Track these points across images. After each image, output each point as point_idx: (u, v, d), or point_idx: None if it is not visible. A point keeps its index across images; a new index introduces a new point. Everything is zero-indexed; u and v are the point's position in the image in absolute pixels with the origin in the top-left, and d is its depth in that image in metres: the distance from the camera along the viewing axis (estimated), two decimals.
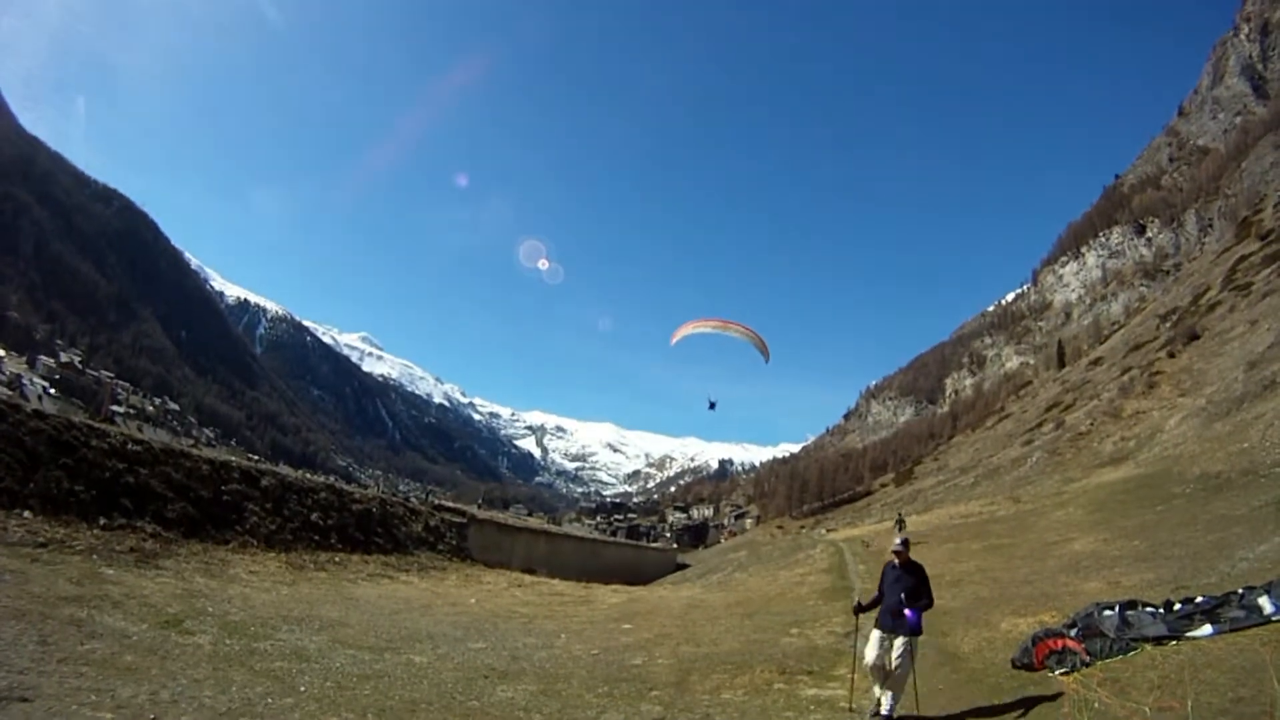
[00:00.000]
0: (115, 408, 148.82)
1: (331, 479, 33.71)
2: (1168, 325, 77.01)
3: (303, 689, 8.24)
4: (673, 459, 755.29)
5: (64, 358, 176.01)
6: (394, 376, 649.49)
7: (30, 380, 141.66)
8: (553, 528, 60.38)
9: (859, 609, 9.84)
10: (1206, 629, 9.51)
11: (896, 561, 9.33)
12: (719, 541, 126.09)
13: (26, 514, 12.72)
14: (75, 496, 13.98)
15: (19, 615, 8.53)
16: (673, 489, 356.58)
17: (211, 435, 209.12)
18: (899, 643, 8.70)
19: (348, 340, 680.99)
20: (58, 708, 6.16)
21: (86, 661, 7.51)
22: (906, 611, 8.66)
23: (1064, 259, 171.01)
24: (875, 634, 9.03)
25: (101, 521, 13.86)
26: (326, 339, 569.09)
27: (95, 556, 12.38)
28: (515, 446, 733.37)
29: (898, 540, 9.58)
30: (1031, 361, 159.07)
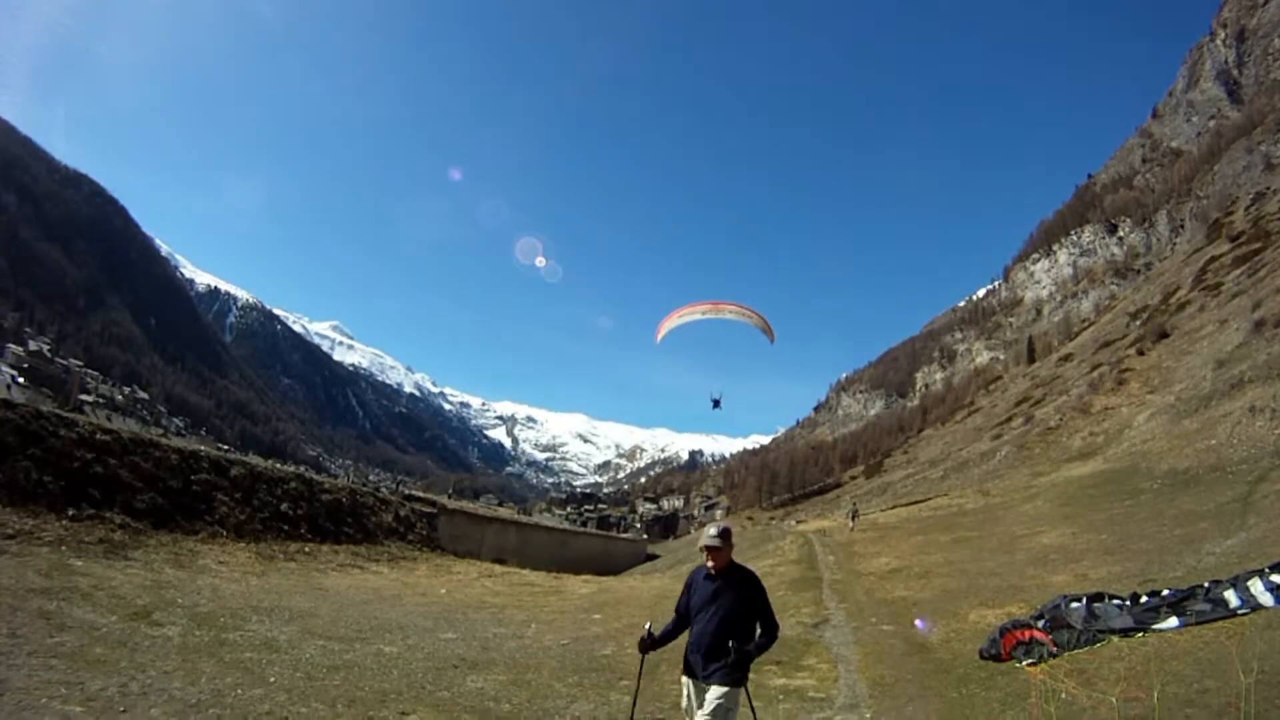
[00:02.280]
0: (84, 397, 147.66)
1: (301, 469, 33.56)
2: (1138, 323, 77.80)
3: (272, 680, 8.20)
4: (643, 450, 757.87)
5: (32, 346, 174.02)
6: (364, 366, 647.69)
7: None
8: (523, 518, 60.32)
9: (648, 644, 5.95)
10: (1172, 621, 9.62)
11: (711, 566, 5.73)
12: (689, 532, 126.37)
13: None
14: (43, 487, 13.81)
15: None
16: (643, 480, 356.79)
17: (181, 424, 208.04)
18: (714, 697, 5.46)
19: (318, 329, 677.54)
20: (27, 700, 6.11)
21: (55, 654, 7.44)
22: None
23: (1035, 256, 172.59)
24: (684, 684, 5.84)
25: (70, 512, 13.71)
26: (297, 327, 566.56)
27: (64, 548, 12.25)
28: (486, 436, 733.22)
29: (712, 530, 5.75)
30: (1002, 357, 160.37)
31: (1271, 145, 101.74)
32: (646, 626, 5.99)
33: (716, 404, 25.92)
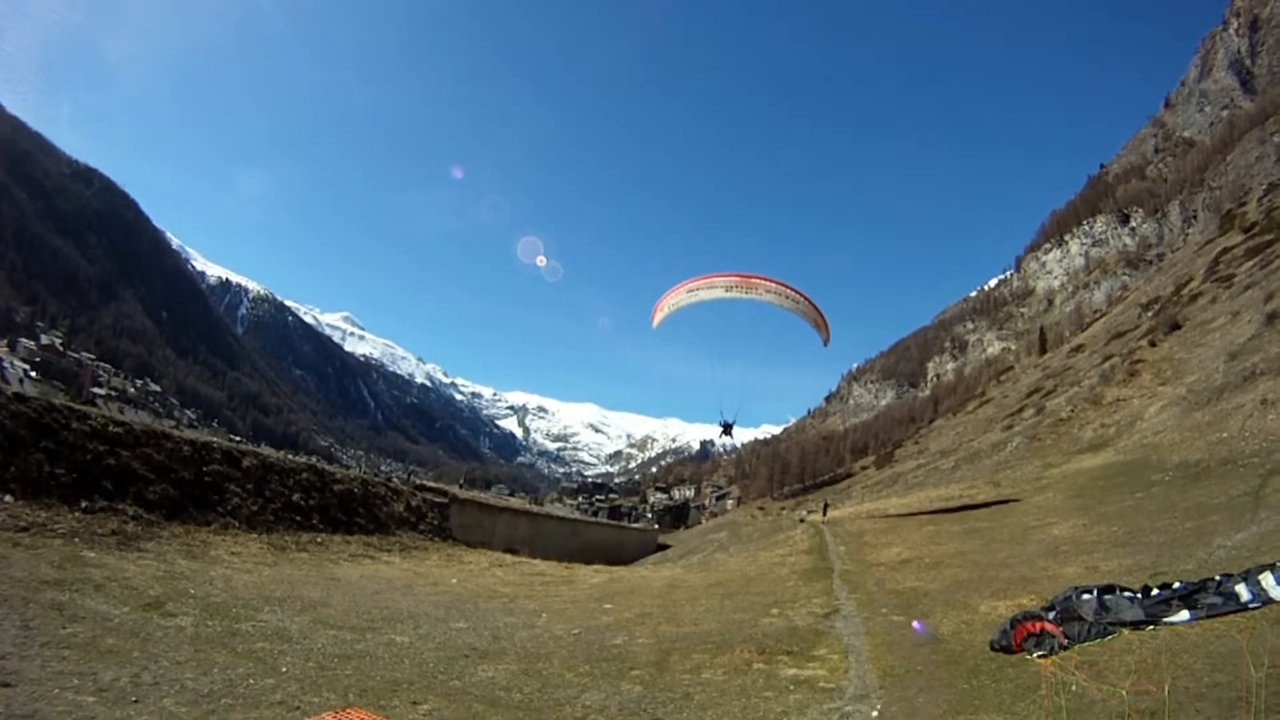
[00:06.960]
0: (96, 390, 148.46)
1: (313, 459, 33.59)
2: (1150, 314, 77.39)
3: (284, 670, 8.24)
4: (654, 439, 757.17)
5: (44, 340, 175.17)
6: (376, 356, 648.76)
7: (11, 363, 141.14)
8: (534, 508, 60.39)
9: None
10: (1183, 614, 9.61)
11: None
12: (700, 522, 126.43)
13: (7, 498, 12.62)
14: (56, 479, 13.88)
15: (0, 600, 8.51)
16: (654, 469, 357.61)
17: (193, 416, 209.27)
18: None
19: (329, 320, 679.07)
20: (40, 692, 6.15)
21: (68, 645, 7.49)
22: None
23: (1047, 246, 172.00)
24: None
25: (83, 504, 13.77)
26: (308, 319, 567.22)
27: (77, 540, 12.32)
28: (497, 426, 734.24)
29: None
30: (1013, 347, 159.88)
31: None
32: None
33: (726, 430, 25.51)
